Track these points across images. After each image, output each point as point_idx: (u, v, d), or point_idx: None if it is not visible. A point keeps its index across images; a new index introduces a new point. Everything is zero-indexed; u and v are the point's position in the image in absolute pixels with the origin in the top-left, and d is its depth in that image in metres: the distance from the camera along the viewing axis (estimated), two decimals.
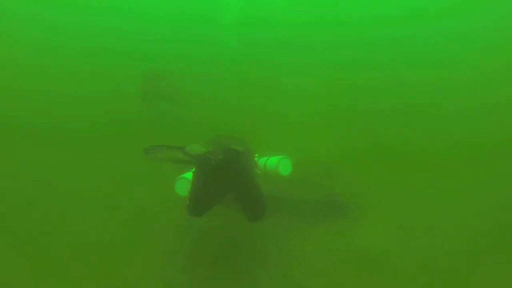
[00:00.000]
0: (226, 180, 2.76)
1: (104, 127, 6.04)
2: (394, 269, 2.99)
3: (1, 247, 3.21)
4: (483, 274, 2.89)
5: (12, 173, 4.51)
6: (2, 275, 2.88)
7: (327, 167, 4.22)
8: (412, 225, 3.57)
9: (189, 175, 2.98)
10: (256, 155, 3.41)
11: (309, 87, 7.97)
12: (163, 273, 2.98)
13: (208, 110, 6.69)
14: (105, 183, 4.38)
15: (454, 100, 7.08)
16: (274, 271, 2.98)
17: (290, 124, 6.29)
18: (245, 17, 11.58)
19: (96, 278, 2.91)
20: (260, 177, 3.15)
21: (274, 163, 3.07)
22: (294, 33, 11.60)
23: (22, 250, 3.19)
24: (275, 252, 3.23)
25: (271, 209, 3.01)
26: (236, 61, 9.09)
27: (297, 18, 12.50)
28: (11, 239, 3.33)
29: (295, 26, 12.07)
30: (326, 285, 2.83)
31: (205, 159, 2.75)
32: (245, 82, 8.17)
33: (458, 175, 4.49)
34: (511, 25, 10.05)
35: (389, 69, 8.86)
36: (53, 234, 3.43)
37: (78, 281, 2.87)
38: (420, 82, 8.04)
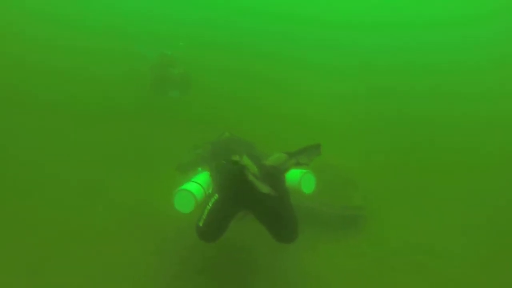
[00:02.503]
0: (258, 200, 2.18)
1: (112, 109, 5.75)
2: None
3: None
4: None
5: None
6: None
7: (347, 175, 3.78)
8: (434, 249, 3.18)
9: (192, 186, 2.43)
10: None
11: (336, 89, 7.46)
12: (153, 280, 2.66)
13: (222, 103, 6.29)
14: (101, 170, 4.09)
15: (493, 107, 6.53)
16: None
17: (310, 126, 5.87)
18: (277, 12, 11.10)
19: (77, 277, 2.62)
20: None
21: (295, 178, 2.60)
22: (326, 34, 11.08)
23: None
24: (280, 266, 2.87)
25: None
26: (261, 56, 8.64)
27: (330, 18, 11.99)
28: None
29: (329, 26, 11.55)
30: None
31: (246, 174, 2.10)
32: (269, 79, 7.58)
33: (493, 196, 4.03)
34: None
35: (423, 75, 8.31)
36: (35, 219, 3.16)
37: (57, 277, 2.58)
38: (453, 89, 7.50)
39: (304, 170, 2.61)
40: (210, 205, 2.26)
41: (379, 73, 8.39)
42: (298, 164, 2.18)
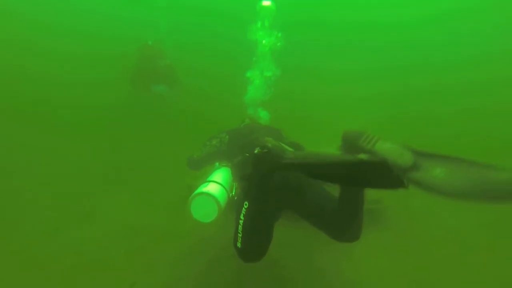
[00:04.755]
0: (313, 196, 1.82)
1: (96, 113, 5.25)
2: None
3: None
4: None
5: None
6: None
7: None
8: (462, 240, 2.96)
9: (212, 188, 1.91)
10: None
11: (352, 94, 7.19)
12: None
13: (210, 105, 5.85)
14: (90, 186, 3.49)
15: None
16: None
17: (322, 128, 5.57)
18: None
19: None
20: None
21: None
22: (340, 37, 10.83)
23: None
24: (300, 272, 2.52)
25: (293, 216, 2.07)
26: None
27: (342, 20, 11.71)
28: None
29: (343, 29, 11.33)
30: None
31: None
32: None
33: None
34: None
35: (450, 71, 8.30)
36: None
37: None
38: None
39: None
40: (242, 218, 1.66)
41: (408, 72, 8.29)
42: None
